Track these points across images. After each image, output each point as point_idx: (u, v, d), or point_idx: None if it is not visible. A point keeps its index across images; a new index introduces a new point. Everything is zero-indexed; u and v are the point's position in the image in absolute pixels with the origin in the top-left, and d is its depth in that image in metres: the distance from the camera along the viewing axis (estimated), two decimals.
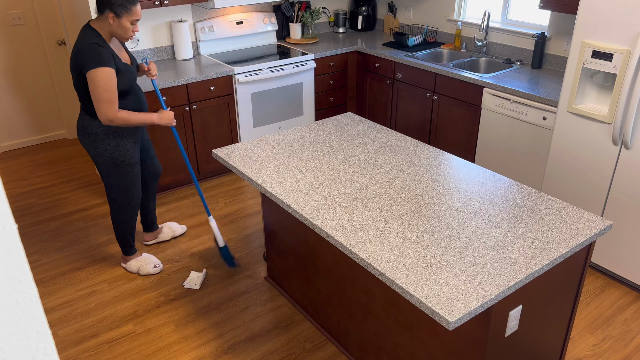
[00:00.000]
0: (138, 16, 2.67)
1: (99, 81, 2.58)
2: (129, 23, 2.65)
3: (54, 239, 3.56)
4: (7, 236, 0.56)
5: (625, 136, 2.77)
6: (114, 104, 2.64)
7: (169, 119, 2.91)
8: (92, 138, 2.78)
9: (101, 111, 2.63)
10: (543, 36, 3.73)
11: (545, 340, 2.18)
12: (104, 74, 2.58)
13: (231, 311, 2.91)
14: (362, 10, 4.99)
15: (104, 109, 2.63)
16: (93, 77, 2.58)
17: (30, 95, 4.86)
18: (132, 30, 2.68)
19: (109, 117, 2.65)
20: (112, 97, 2.63)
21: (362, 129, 2.91)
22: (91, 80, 2.59)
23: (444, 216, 2.07)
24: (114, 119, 2.66)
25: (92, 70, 2.57)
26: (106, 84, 2.59)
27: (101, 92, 2.60)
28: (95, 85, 2.58)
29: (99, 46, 2.60)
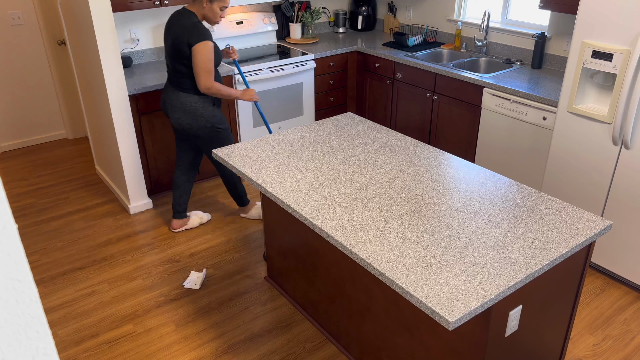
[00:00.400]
0: (227, 3, 3.03)
1: (205, 52, 2.97)
2: (218, 8, 3.02)
3: (54, 239, 3.56)
4: (7, 236, 0.56)
5: (625, 136, 2.77)
6: (212, 74, 3.04)
7: (250, 95, 3.29)
8: (193, 112, 3.16)
9: (202, 79, 3.02)
10: (543, 36, 3.73)
11: (545, 340, 2.18)
12: (208, 46, 2.98)
13: (231, 311, 2.91)
14: (362, 10, 4.99)
15: (205, 78, 3.02)
16: (199, 49, 2.97)
17: (31, 95, 4.86)
18: (220, 15, 3.04)
19: (207, 85, 3.04)
20: (211, 68, 3.03)
21: (362, 129, 2.91)
22: (197, 52, 2.97)
23: (444, 216, 2.07)
24: (211, 87, 3.05)
25: (199, 44, 2.96)
26: (209, 56, 2.99)
27: (205, 62, 2.99)
28: (201, 55, 2.97)
29: (199, 23, 3.00)
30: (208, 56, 2.98)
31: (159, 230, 3.65)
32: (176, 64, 3.08)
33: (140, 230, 3.65)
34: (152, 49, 4.19)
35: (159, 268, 3.26)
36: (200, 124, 3.19)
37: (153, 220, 3.76)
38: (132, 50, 4.11)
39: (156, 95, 3.72)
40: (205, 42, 2.96)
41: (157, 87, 3.68)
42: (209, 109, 3.19)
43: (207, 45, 2.97)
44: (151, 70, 3.96)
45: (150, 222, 3.73)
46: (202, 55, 2.97)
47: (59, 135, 5.15)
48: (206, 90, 3.05)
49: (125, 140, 3.62)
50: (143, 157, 3.85)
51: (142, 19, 4.08)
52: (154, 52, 4.20)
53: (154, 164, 3.92)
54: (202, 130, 3.21)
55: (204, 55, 2.97)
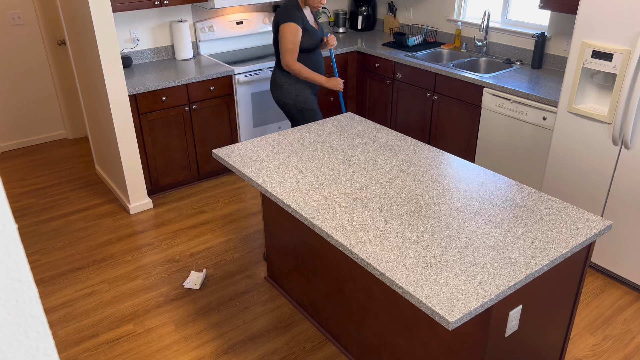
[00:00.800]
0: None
1: (287, 33, 3.22)
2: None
3: (54, 239, 3.56)
4: (7, 236, 0.56)
5: (625, 136, 2.77)
6: (294, 54, 3.26)
7: (335, 84, 3.42)
8: (280, 88, 3.44)
9: (284, 57, 3.27)
10: (543, 36, 3.73)
11: (545, 340, 2.18)
12: (291, 27, 3.22)
13: (231, 311, 2.91)
14: (362, 10, 4.99)
15: (286, 56, 3.27)
16: (283, 29, 3.23)
17: (30, 95, 4.86)
18: (319, 1, 3.27)
19: (287, 63, 3.27)
20: (294, 48, 3.25)
21: (362, 129, 2.90)
22: (282, 32, 3.24)
23: (444, 216, 2.07)
24: (290, 65, 3.27)
25: (284, 24, 3.22)
26: (292, 36, 3.22)
27: (287, 42, 3.23)
28: (283, 35, 3.23)
29: (293, 7, 3.26)
30: (288, 36, 3.21)
31: (159, 230, 3.65)
32: (274, 42, 3.39)
33: (140, 230, 3.65)
34: (152, 49, 4.19)
35: (159, 268, 3.26)
36: (285, 99, 3.44)
37: (153, 220, 3.76)
38: (132, 50, 4.11)
39: (156, 95, 3.72)
40: (289, 23, 3.20)
41: (157, 87, 3.68)
42: (294, 87, 3.40)
43: (289, 26, 3.20)
44: (151, 70, 3.96)
45: (150, 222, 3.74)
46: (283, 35, 3.22)
47: (59, 135, 5.15)
48: (286, 67, 3.29)
49: (125, 140, 3.62)
50: (143, 157, 3.85)
51: (142, 19, 4.08)
52: (154, 52, 4.20)
53: (154, 164, 3.92)
54: (287, 106, 3.46)
55: (285, 35, 3.21)
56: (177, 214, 3.83)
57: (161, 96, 3.75)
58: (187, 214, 3.83)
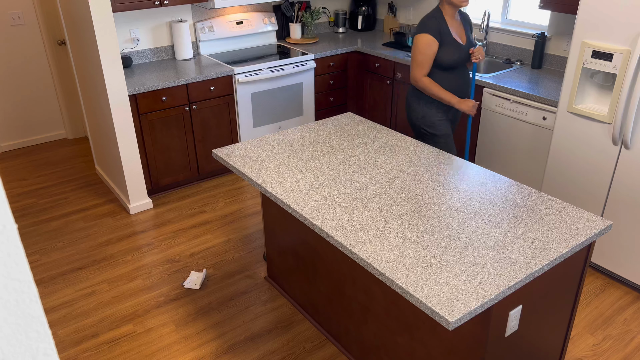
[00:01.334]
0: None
1: (419, 44, 2.95)
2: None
3: (54, 239, 3.56)
4: (7, 236, 0.56)
5: (625, 136, 2.77)
6: (423, 68, 2.96)
7: (468, 107, 3.01)
8: (408, 105, 3.18)
9: (411, 71, 3.02)
10: (543, 36, 3.73)
11: (545, 340, 2.18)
12: (424, 39, 2.92)
13: (231, 311, 2.91)
14: (362, 10, 4.99)
15: (414, 69, 2.99)
16: (415, 40, 2.97)
17: (31, 95, 4.86)
18: None
19: (415, 77, 3.00)
20: (424, 61, 2.95)
21: (362, 129, 2.91)
22: (414, 43, 2.98)
23: (444, 216, 2.07)
24: (418, 80, 2.99)
25: (417, 35, 2.96)
26: (423, 47, 2.93)
27: (417, 53, 2.96)
28: (415, 46, 2.97)
29: (432, 18, 2.94)
30: (419, 48, 2.95)
31: (159, 230, 3.65)
32: None
33: (140, 230, 3.65)
34: (152, 49, 4.19)
35: (159, 268, 3.26)
36: (411, 119, 3.19)
37: (153, 220, 3.76)
38: (132, 50, 4.11)
39: (156, 95, 3.72)
40: (422, 34, 2.93)
41: (157, 87, 3.68)
42: (420, 106, 3.11)
43: (422, 37, 2.93)
44: (151, 70, 3.96)
45: (150, 222, 3.74)
46: (415, 46, 2.97)
47: (59, 135, 5.15)
48: (413, 82, 3.03)
49: (125, 140, 3.62)
50: (143, 157, 3.85)
51: (142, 19, 4.08)
52: (154, 52, 4.20)
53: (154, 164, 3.92)
54: (412, 126, 3.21)
55: (416, 47, 2.96)
56: (177, 214, 3.83)
57: (161, 96, 3.75)
58: (187, 214, 3.83)
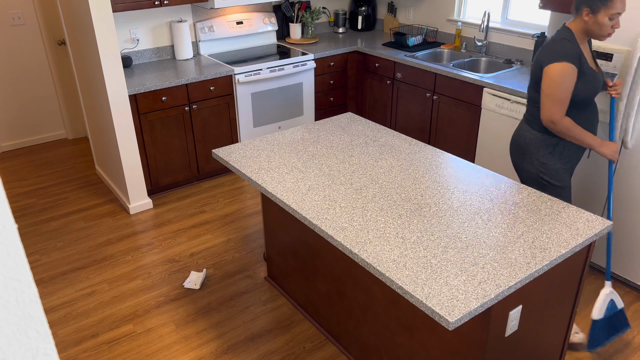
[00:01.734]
0: (619, 9, 2.25)
1: (555, 76, 2.31)
2: (606, 18, 2.27)
3: (54, 239, 3.56)
4: (7, 236, 0.56)
5: (625, 136, 2.76)
6: (564, 105, 2.33)
7: (611, 151, 2.44)
8: (524, 149, 2.54)
9: (546, 108, 2.35)
10: (543, 36, 3.73)
11: (545, 340, 2.18)
12: (564, 68, 2.30)
13: (231, 311, 2.91)
14: (362, 10, 4.99)
15: (551, 107, 2.34)
16: (550, 70, 2.32)
17: (30, 95, 4.86)
18: (610, 26, 2.29)
19: (552, 118, 2.35)
20: (564, 96, 2.32)
21: (362, 129, 2.91)
22: (547, 74, 2.33)
23: (444, 216, 2.07)
24: (557, 121, 2.35)
25: (553, 64, 2.32)
26: (562, 80, 2.30)
27: (554, 87, 2.32)
28: (550, 79, 2.32)
29: (567, 41, 2.34)
30: (558, 80, 2.30)
31: (159, 230, 3.65)
32: (531, 91, 2.52)
33: (140, 230, 3.65)
34: (152, 49, 4.19)
35: (159, 268, 3.26)
36: (524, 165, 2.57)
37: (153, 220, 3.76)
38: (132, 50, 4.11)
39: (156, 95, 3.72)
40: (563, 63, 2.30)
41: (157, 87, 3.68)
42: (543, 152, 2.49)
43: (563, 67, 2.29)
44: (151, 70, 3.96)
45: (150, 222, 3.74)
46: (550, 78, 2.32)
47: (59, 135, 5.15)
48: (549, 123, 2.37)
49: (125, 140, 3.62)
50: (143, 157, 3.85)
51: (142, 19, 4.08)
52: (154, 52, 4.20)
53: (154, 164, 3.92)
54: (525, 172, 2.58)
55: (553, 79, 2.31)
56: (177, 214, 3.83)
57: (161, 96, 3.75)
58: (187, 214, 3.83)
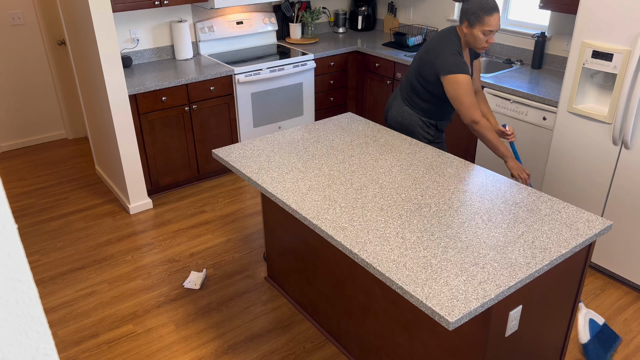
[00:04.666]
0: (493, 27, 2.57)
1: (462, 86, 2.63)
2: (480, 33, 2.59)
3: (54, 239, 3.56)
4: (7, 236, 0.56)
5: (625, 136, 2.76)
6: (477, 107, 2.68)
7: (519, 171, 2.71)
8: (408, 127, 2.92)
9: (466, 113, 2.66)
10: (543, 36, 3.73)
11: (545, 340, 2.18)
12: (465, 79, 2.62)
13: (231, 311, 2.91)
14: (362, 10, 4.99)
15: (469, 111, 2.66)
16: (455, 81, 2.63)
17: (30, 95, 4.86)
18: (485, 41, 2.61)
19: (474, 119, 2.67)
20: (474, 100, 2.66)
21: (362, 129, 2.90)
22: (453, 84, 2.64)
23: (444, 216, 2.07)
24: (478, 121, 2.67)
25: (456, 76, 2.62)
26: (467, 88, 2.64)
27: (463, 96, 2.64)
28: (457, 89, 2.64)
29: (458, 54, 2.65)
30: (464, 90, 2.64)
31: (159, 230, 3.65)
32: (414, 79, 2.84)
33: (140, 230, 3.65)
34: (152, 49, 4.19)
35: (159, 268, 3.26)
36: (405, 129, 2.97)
37: (153, 220, 3.76)
38: (132, 50, 4.11)
39: (156, 95, 3.72)
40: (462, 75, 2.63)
41: (157, 87, 3.68)
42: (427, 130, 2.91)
43: (463, 78, 2.63)
44: (151, 70, 3.96)
45: (150, 222, 3.74)
46: (457, 88, 2.65)
47: (59, 135, 5.15)
48: (472, 124, 2.68)
49: (125, 140, 3.62)
50: (143, 157, 3.85)
51: (142, 19, 4.08)
52: (154, 52, 4.20)
53: (154, 164, 3.92)
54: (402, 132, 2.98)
55: (460, 89, 2.64)
56: (177, 214, 3.83)
57: (161, 96, 3.75)
58: (187, 214, 3.83)
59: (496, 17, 2.55)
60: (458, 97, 2.66)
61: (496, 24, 2.57)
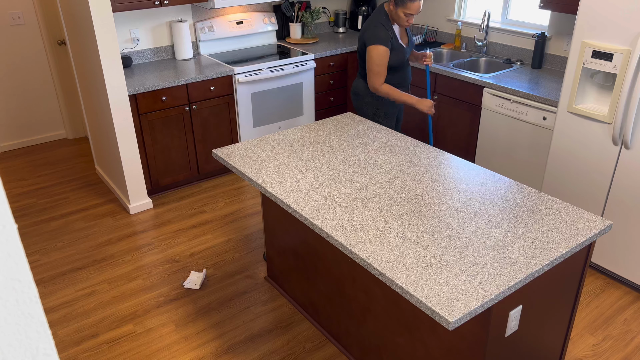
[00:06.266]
0: (413, 11, 2.99)
1: (374, 56, 3.07)
2: (402, 14, 3.02)
3: (54, 239, 3.56)
4: (7, 236, 0.56)
5: (625, 136, 2.76)
6: (381, 77, 3.10)
7: (426, 106, 3.17)
8: (362, 99, 3.33)
9: (370, 80, 3.13)
10: (543, 36, 3.73)
11: (545, 340, 2.18)
12: (379, 50, 3.05)
13: (231, 311, 2.91)
14: (362, 10, 4.99)
15: (373, 79, 3.12)
16: (370, 51, 3.08)
17: (30, 95, 4.86)
18: (406, 20, 3.05)
19: (374, 87, 3.13)
20: (381, 71, 3.09)
21: (362, 129, 2.91)
22: (369, 54, 3.10)
23: (444, 216, 2.07)
24: (378, 88, 3.13)
25: (372, 46, 3.07)
26: (379, 59, 3.07)
27: (373, 65, 3.08)
28: (370, 57, 3.09)
29: (382, 26, 3.07)
30: (375, 59, 3.07)
31: (159, 230, 3.65)
32: (359, 53, 3.27)
33: (140, 230, 3.65)
34: (152, 49, 4.19)
35: (159, 268, 3.26)
36: (363, 107, 3.34)
37: (153, 220, 3.76)
38: (132, 50, 4.11)
39: (156, 95, 3.72)
40: (377, 46, 3.04)
41: (157, 87, 3.68)
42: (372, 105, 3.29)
43: (377, 49, 3.05)
44: (151, 70, 3.96)
45: (150, 222, 3.74)
46: (370, 57, 3.08)
47: (59, 135, 5.15)
48: (373, 90, 3.15)
49: (125, 140, 3.62)
50: (143, 157, 3.85)
51: (142, 19, 4.08)
52: (154, 52, 4.20)
53: (154, 164, 3.92)
54: (363, 111, 3.36)
55: (372, 58, 3.07)
56: (177, 214, 3.83)
57: (161, 96, 3.75)
58: (187, 214, 3.83)
59: (417, 4, 2.98)
60: (369, 65, 3.11)
61: (416, 9, 2.99)
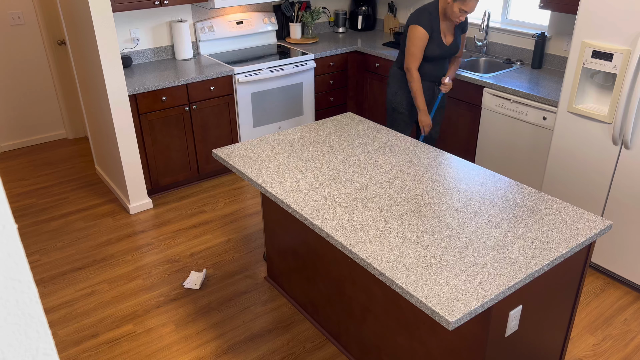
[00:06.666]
0: (468, 9, 3.03)
1: (411, 36, 3.18)
2: (457, 9, 3.04)
3: (54, 239, 3.56)
4: (7, 236, 0.56)
5: (625, 136, 2.76)
6: (416, 60, 3.20)
7: (425, 123, 3.34)
8: (389, 83, 3.48)
9: (406, 59, 3.24)
10: (543, 36, 3.73)
11: (545, 340, 2.18)
12: (417, 32, 3.14)
13: (231, 311, 2.91)
14: (362, 10, 4.99)
15: (408, 59, 3.23)
16: (409, 31, 3.19)
17: (31, 95, 4.86)
18: (458, 16, 3.07)
19: (408, 67, 3.24)
20: (416, 53, 3.19)
21: (362, 129, 2.91)
22: (408, 33, 3.20)
23: (444, 216, 2.07)
24: (408, 69, 3.24)
25: (412, 26, 3.17)
26: (415, 40, 3.16)
27: (410, 45, 3.20)
28: (408, 38, 3.21)
29: (427, 12, 3.15)
30: (413, 40, 3.15)
31: (159, 230, 3.65)
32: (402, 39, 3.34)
33: (140, 230, 3.65)
34: (152, 49, 4.19)
35: (159, 268, 3.26)
36: (388, 95, 3.49)
37: (153, 220, 3.76)
38: (132, 50, 4.11)
39: (156, 95, 3.72)
40: (416, 26, 3.13)
41: (157, 87, 3.68)
42: (395, 86, 3.41)
43: (415, 29, 3.13)
44: (151, 70, 3.96)
45: (150, 222, 3.74)
46: (408, 37, 3.19)
47: (59, 135, 5.15)
48: (406, 70, 3.26)
49: (125, 140, 3.62)
50: (143, 157, 3.85)
51: (142, 19, 4.08)
52: (154, 52, 4.20)
53: (154, 164, 3.92)
54: (387, 101, 3.51)
55: (410, 38, 3.17)
56: (177, 214, 3.83)
57: (161, 96, 3.75)
58: (187, 214, 3.83)
59: (474, 3, 3.01)
60: (407, 45, 3.21)
61: (471, 7, 3.03)
